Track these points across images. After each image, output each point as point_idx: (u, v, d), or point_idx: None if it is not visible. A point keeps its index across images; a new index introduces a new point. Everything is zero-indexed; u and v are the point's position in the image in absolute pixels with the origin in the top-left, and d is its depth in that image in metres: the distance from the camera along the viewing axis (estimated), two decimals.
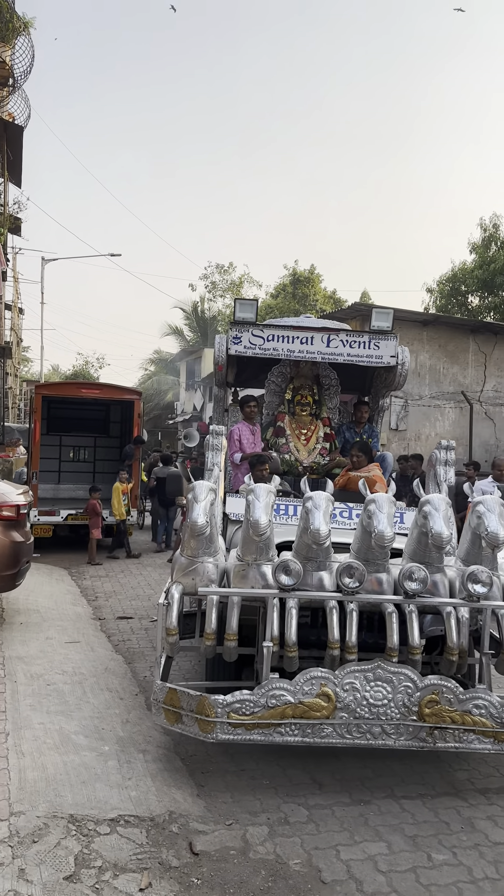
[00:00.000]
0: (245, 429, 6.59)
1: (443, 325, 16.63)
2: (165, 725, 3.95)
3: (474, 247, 23.44)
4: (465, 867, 3.30)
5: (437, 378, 16.33)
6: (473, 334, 16.77)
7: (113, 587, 9.31)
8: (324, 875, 3.19)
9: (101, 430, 13.74)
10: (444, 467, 5.43)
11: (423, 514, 3.93)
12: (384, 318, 6.42)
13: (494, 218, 23.19)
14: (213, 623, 3.94)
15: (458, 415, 16.56)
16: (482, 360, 16.78)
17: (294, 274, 30.41)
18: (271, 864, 3.24)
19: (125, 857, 3.14)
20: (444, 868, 3.28)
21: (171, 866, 3.14)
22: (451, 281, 23.75)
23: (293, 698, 3.73)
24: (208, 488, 4.01)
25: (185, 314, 33.17)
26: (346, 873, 3.21)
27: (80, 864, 3.04)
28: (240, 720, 3.73)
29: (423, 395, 16.12)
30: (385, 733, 3.78)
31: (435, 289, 24.40)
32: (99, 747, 4.14)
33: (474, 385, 16.64)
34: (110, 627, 7.21)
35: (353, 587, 3.85)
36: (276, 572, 3.83)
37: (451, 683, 3.76)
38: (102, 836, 3.26)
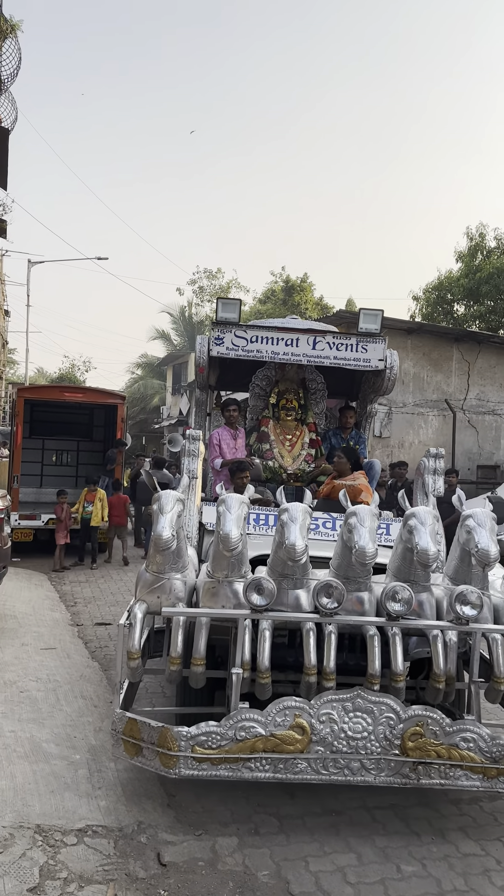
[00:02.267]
0: (226, 434, 6.29)
1: (427, 333, 16.75)
2: (125, 759, 3.62)
3: (460, 255, 23.53)
4: (434, 879, 3.25)
5: (420, 386, 16.48)
6: (457, 343, 16.88)
7: (93, 592, 9.22)
8: (292, 887, 3.14)
9: (84, 434, 13.58)
10: (432, 476, 5.14)
11: (408, 528, 3.62)
12: (372, 320, 6.12)
13: (481, 227, 23.36)
14: (179, 646, 3.62)
15: (441, 423, 16.68)
16: (466, 369, 16.94)
17: (287, 281, 30.23)
18: (240, 876, 3.19)
19: (91, 869, 3.09)
20: (412, 880, 3.23)
21: (137, 878, 3.08)
22: (438, 289, 23.81)
23: (264, 730, 3.41)
24: (175, 498, 3.70)
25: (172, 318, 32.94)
26: (314, 885, 3.16)
27: (45, 875, 2.99)
28: (205, 754, 3.41)
29: (406, 402, 16.24)
30: (365, 769, 3.46)
31: (421, 297, 24.45)
32: (70, 756, 4.07)
33: (458, 393, 16.79)
34: (88, 634, 7.10)
35: (332, 608, 3.54)
36: (248, 591, 3.51)
37: (436, 714, 3.45)
38: (69, 846, 3.22)
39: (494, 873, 3.34)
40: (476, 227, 23.37)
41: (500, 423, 17.25)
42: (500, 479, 15.96)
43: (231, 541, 3.50)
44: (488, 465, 16.72)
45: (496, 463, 17.03)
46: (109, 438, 12.71)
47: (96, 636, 6.98)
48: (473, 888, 3.22)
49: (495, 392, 17.15)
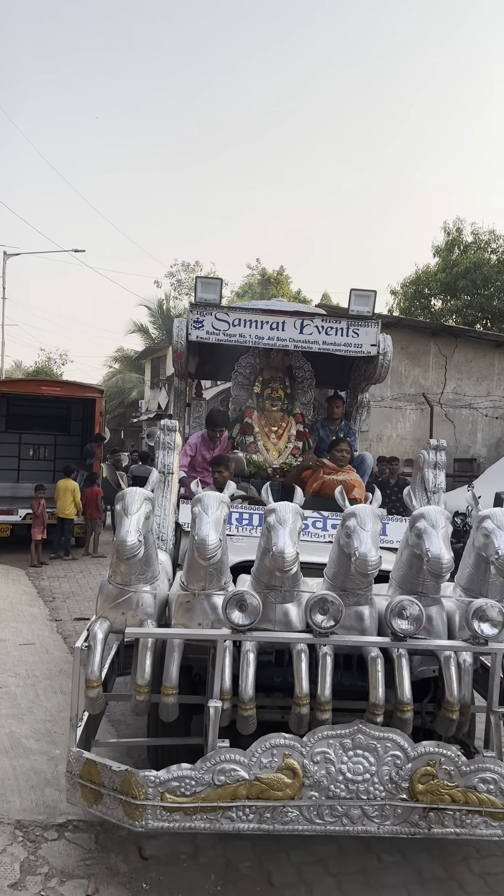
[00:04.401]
0: (203, 447, 5.57)
1: (405, 327, 16.52)
2: (82, 806, 2.95)
3: (438, 250, 23.10)
4: (415, 868, 3.18)
5: (398, 380, 16.18)
6: (434, 337, 16.55)
7: (71, 587, 8.95)
8: (273, 878, 3.08)
9: (61, 427, 13.01)
10: (433, 471, 4.51)
11: (416, 531, 2.98)
12: (364, 302, 5.47)
13: (458, 222, 23.01)
14: (147, 672, 2.97)
15: (419, 416, 16.39)
16: (443, 363, 16.64)
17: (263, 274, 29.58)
18: (221, 868, 3.11)
19: (73, 863, 3.05)
20: (393, 869, 3.16)
21: (119, 871, 3.03)
22: (415, 284, 23.41)
23: (248, 774, 2.77)
24: (142, 497, 3.03)
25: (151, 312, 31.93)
26: (295, 876, 3.10)
27: (26, 870, 2.95)
28: (177, 803, 2.76)
29: (384, 396, 16.02)
30: (366, 817, 2.83)
31: (399, 291, 23.98)
32: (50, 751, 3.98)
33: (435, 387, 16.51)
34: (67, 629, 6.90)
35: (328, 627, 2.89)
36: (228, 608, 2.86)
37: (450, 752, 2.83)
38: (50, 841, 3.17)
39: (473, 861, 3.29)
40: (453, 222, 22.99)
41: (476, 417, 17.05)
42: (476, 472, 15.55)
43: (208, 548, 2.84)
44: (465, 458, 16.44)
45: (473, 456, 16.75)
46: (87, 432, 12.22)
47: (76, 631, 6.62)
48: (453, 876, 3.15)
49: (472, 386, 16.93)
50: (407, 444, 16.47)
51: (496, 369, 17.13)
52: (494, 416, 16.95)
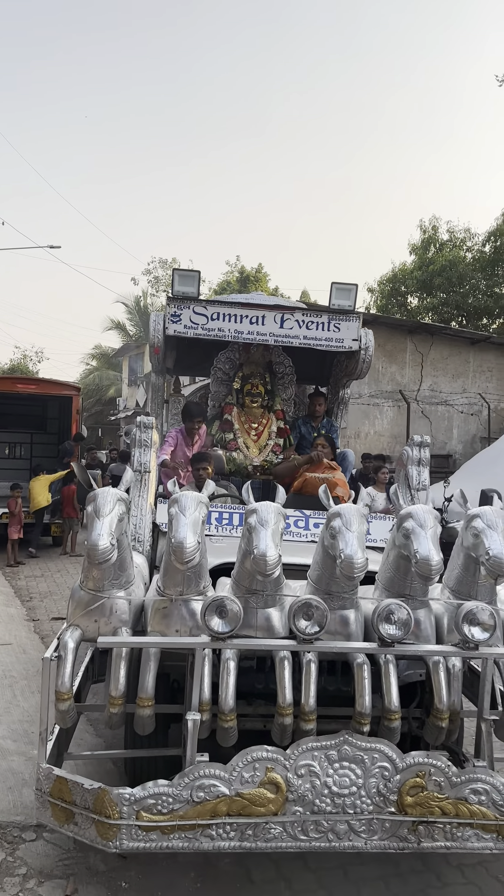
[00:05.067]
0: (182, 441, 5.37)
1: (382, 325, 16.53)
2: (53, 825, 2.75)
3: (414, 248, 23.10)
4: (393, 861, 3.13)
5: (376, 377, 16.18)
6: (411, 335, 16.56)
7: (49, 587, 8.75)
8: (253, 875, 3.05)
9: (38, 426, 12.67)
10: (416, 468, 4.36)
11: (403, 531, 2.82)
12: (346, 296, 5.30)
13: (433, 220, 23.02)
14: (122, 683, 2.77)
15: (395, 413, 16.40)
16: (419, 360, 16.67)
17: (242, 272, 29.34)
18: (200, 866, 3.06)
19: (51, 864, 3.02)
20: (371, 863, 3.10)
21: (98, 871, 2.99)
22: (392, 281, 23.41)
23: (228, 789, 2.59)
24: (115, 498, 2.83)
25: (128, 308, 31.41)
26: (275, 872, 3.07)
27: (4, 872, 2.92)
28: (154, 821, 2.57)
29: (362, 393, 16.03)
30: (353, 832, 2.67)
31: (376, 289, 23.92)
32: (28, 752, 3.89)
33: (412, 384, 16.51)
34: (44, 628, 6.76)
35: (312, 633, 2.72)
36: (207, 614, 2.67)
37: (440, 762, 2.68)
38: (28, 842, 3.12)
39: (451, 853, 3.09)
40: (429, 220, 23.00)
41: (452, 414, 17.12)
42: (452, 469, 15.57)
43: (185, 551, 2.65)
44: (441, 454, 16.50)
45: (449, 452, 16.80)
46: (64, 430, 11.91)
47: (53, 631, 6.45)
48: (430, 868, 3.14)
49: (447, 383, 17.01)
50: (384, 441, 16.44)
51: (471, 366, 17.19)
52: (469, 412, 17.02)
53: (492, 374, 17.20)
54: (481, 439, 16.62)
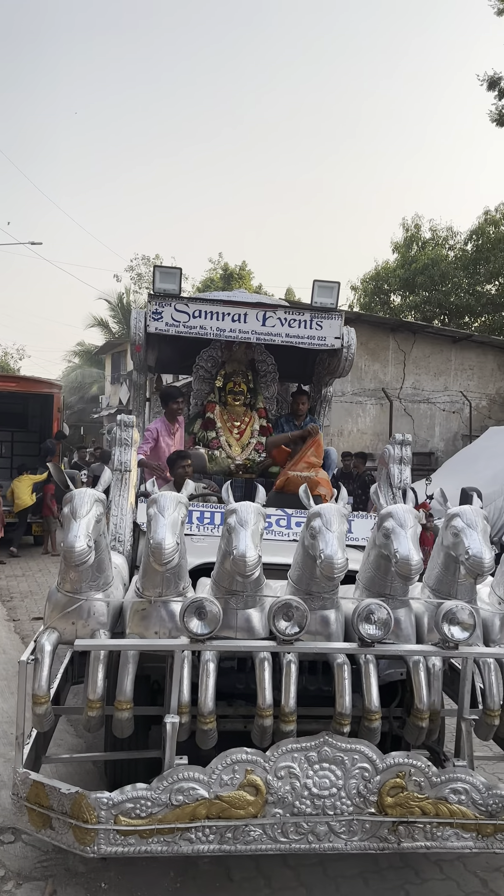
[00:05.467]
0: (164, 428, 5.32)
1: (364, 323, 16.58)
2: (30, 831, 2.70)
3: (396, 246, 23.18)
4: (371, 858, 3.11)
5: (358, 375, 16.22)
6: (393, 333, 16.63)
7: (29, 587, 8.70)
8: (232, 873, 3.05)
9: (19, 424, 12.47)
10: (398, 466, 4.35)
11: (384, 531, 2.80)
12: (328, 294, 5.27)
13: (416, 218, 23.09)
14: (99, 686, 2.72)
15: (378, 411, 16.45)
16: (402, 358, 16.76)
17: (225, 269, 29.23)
18: (179, 865, 3.06)
19: (30, 865, 3.02)
20: (350, 860, 3.07)
21: (77, 872, 2.99)
22: (375, 279, 23.51)
23: (208, 792, 2.56)
24: (92, 499, 2.77)
25: (110, 305, 31.07)
26: (255, 870, 3.07)
27: None
28: (132, 825, 2.53)
29: (345, 391, 16.07)
30: (333, 833, 2.65)
31: (359, 287, 23.97)
32: (7, 753, 3.84)
33: (394, 382, 16.56)
34: (25, 628, 6.68)
35: (292, 634, 2.69)
36: (186, 616, 2.63)
37: (420, 762, 2.66)
38: (6, 844, 3.13)
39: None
40: (412, 219, 23.14)
41: (434, 412, 17.21)
42: (434, 466, 15.68)
43: (164, 552, 2.61)
44: (423, 452, 16.60)
45: (431, 450, 16.88)
46: (45, 429, 11.74)
47: (34, 631, 6.51)
48: (409, 864, 3.16)
49: (430, 381, 17.10)
50: (367, 439, 16.47)
51: (453, 364, 17.27)
52: (451, 410, 17.11)
53: (473, 372, 17.30)
54: (463, 437, 16.72)
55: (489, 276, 21.50)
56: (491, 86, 15.46)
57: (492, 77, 15.39)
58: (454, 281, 21.55)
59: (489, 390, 17.37)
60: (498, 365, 17.49)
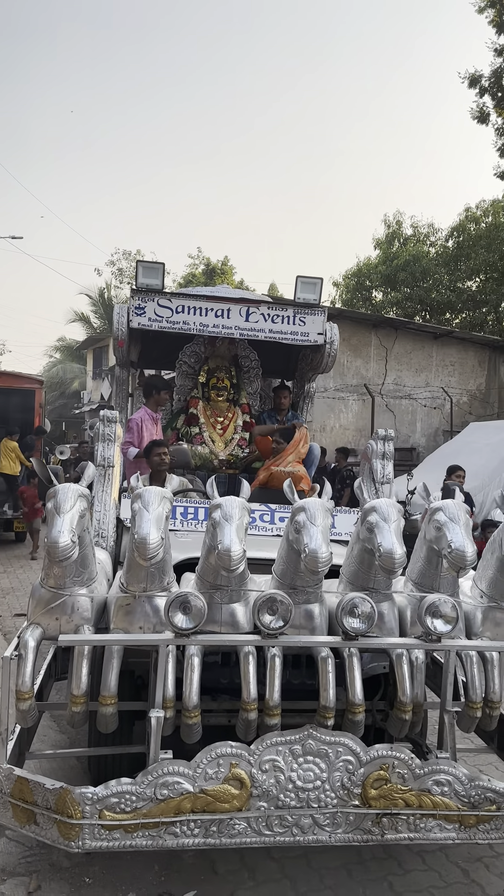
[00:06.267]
0: (148, 417, 5.31)
1: (347, 319, 16.62)
2: (14, 827, 2.68)
3: (378, 243, 23.26)
4: (355, 849, 3.14)
5: (341, 371, 16.34)
6: (375, 329, 16.72)
7: (11, 583, 8.67)
8: (217, 866, 3.06)
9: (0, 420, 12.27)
10: (381, 461, 4.37)
11: (367, 525, 2.81)
12: (311, 290, 5.27)
13: (398, 214, 23.25)
14: (83, 682, 2.71)
15: (360, 407, 16.52)
16: (384, 354, 16.85)
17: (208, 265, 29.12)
18: (164, 859, 3.06)
19: (14, 861, 3.02)
20: (333, 851, 3.08)
21: (62, 867, 3.00)
22: (356, 276, 23.56)
23: (192, 786, 2.55)
24: (76, 494, 2.75)
25: (92, 301, 30.80)
26: (239, 862, 3.09)
27: None
28: (117, 820, 2.52)
29: (328, 387, 16.16)
30: (318, 826, 2.66)
31: (341, 283, 24.00)
32: None
33: (376, 378, 16.66)
34: (7, 625, 6.69)
35: (277, 627, 2.69)
36: (171, 611, 2.62)
37: (404, 754, 2.68)
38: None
39: None
40: (393, 215, 23.20)
41: (415, 407, 17.34)
42: (415, 462, 15.78)
43: (149, 547, 2.59)
44: (405, 447, 16.72)
45: (412, 445, 17.00)
46: (27, 425, 11.64)
47: (16, 628, 6.42)
48: (392, 855, 3.18)
49: (411, 377, 17.19)
50: (350, 435, 16.54)
51: (434, 361, 17.40)
52: (432, 406, 17.24)
53: (454, 368, 17.44)
54: (444, 433, 16.85)
55: (470, 272, 21.65)
56: (472, 83, 15.52)
57: (473, 75, 15.45)
58: (435, 277, 21.67)
59: (470, 386, 17.53)
60: (479, 361, 17.64)
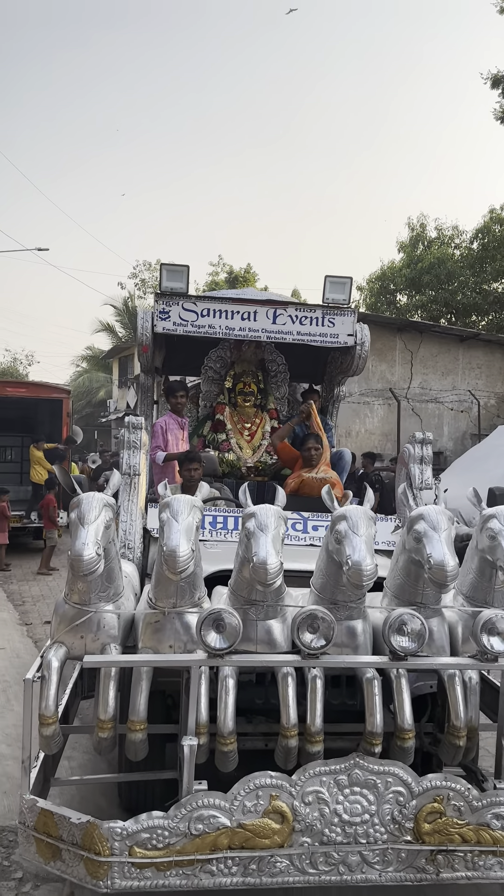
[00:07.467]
0: (173, 423, 5.14)
1: (371, 323, 16.17)
2: (39, 864, 2.48)
3: (402, 246, 22.97)
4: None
5: (365, 375, 16.42)
6: (400, 333, 16.46)
7: (41, 591, 8.71)
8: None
9: (28, 429, 12.36)
10: (419, 466, 4.11)
11: (415, 534, 2.57)
12: (340, 289, 5.06)
13: (422, 217, 22.95)
14: (111, 706, 2.50)
15: (386, 411, 16.28)
16: (409, 358, 16.58)
17: (230, 273, 29.06)
18: None
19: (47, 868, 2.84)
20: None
21: None
22: (381, 279, 23.30)
23: (230, 820, 2.33)
24: (101, 504, 2.56)
25: (116, 311, 30.98)
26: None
27: (0, 875, 2.89)
28: (148, 857, 2.31)
29: (352, 392, 15.94)
30: (366, 863, 2.42)
31: (365, 287, 23.74)
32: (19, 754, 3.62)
33: (402, 382, 16.40)
34: (38, 633, 6.65)
35: (318, 647, 2.46)
36: (203, 630, 2.41)
37: (459, 785, 2.43)
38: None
39: None
40: (417, 218, 22.94)
41: (442, 411, 17.02)
42: (443, 466, 15.42)
43: (179, 560, 2.39)
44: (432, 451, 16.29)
45: (439, 450, 16.67)
46: (55, 433, 11.61)
47: (46, 635, 6.53)
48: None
49: (437, 380, 16.89)
50: (375, 439, 16.26)
51: (460, 363, 17.07)
52: (460, 409, 16.90)
53: (481, 370, 17.09)
54: (471, 436, 16.48)
55: (496, 274, 21.25)
56: (495, 83, 15.24)
57: (495, 75, 15.18)
58: (460, 280, 21.29)
59: (497, 388, 17.14)
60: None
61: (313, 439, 4.71)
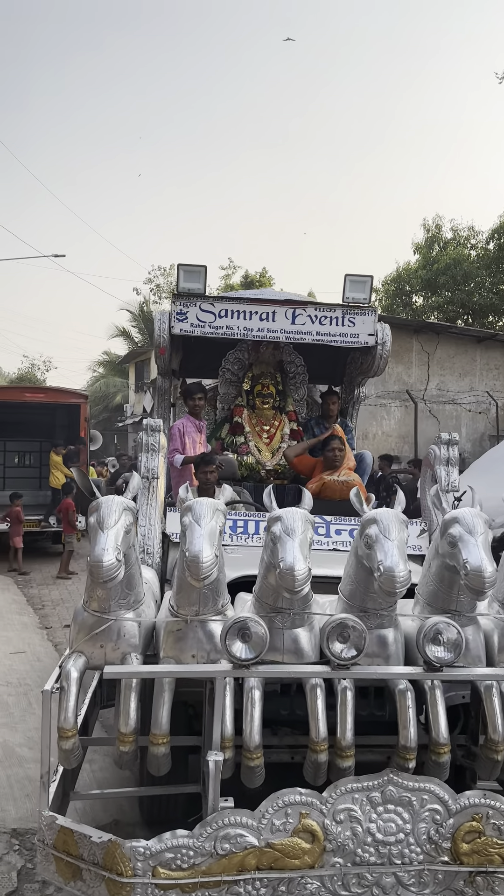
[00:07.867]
0: (190, 426, 5.04)
1: (387, 324, 15.99)
2: (58, 884, 2.37)
3: (418, 247, 22.79)
4: None
5: (382, 377, 16.05)
6: (417, 334, 16.23)
7: (61, 594, 8.73)
8: None
9: (47, 434, 12.41)
10: (445, 468, 3.98)
11: (449, 538, 2.44)
12: (360, 288, 4.94)
13: (437, 219, 22.68)
14: (132, 718, 2.40)
15: (403, 413, 16.08)
16: (426, 360, 16.35)
17: (245, 276, 29.01)
18: None
19: None
20: None
21: None
22: (396, 281, 23.05)
23: (257, 839, 2.21)
24: (121, 507, 2.46)
25: (132, 316, 31.09)
26: None
27: (23, 878, 2.92)
28: (173, 878, 2.19)
29: (369, 394, 15.70)
30: (402, 885, 2.28)
31: (380, 289, 23.55)
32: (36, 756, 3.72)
33: (418, 384, 16.13)
34: (58, 636, 6.69)
35: (349, 657, 2.34)
36: (228, 639, 2.29)
37: (499, 802, 2.29)
38: None
39: None
40: (433, 219, 22.67)
41: (459, 413, 16.81)
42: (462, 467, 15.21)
43: (202, 566, 2.28)
44: None
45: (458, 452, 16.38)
46: (73, 439, 11.68)
47: (65, 638, 6.57)
48: None
49: (454, 382, 16.68)
50: (392, 441, 16.10)
51: (478, 364, 16.85)
52: (478, 410, 16.68)
53: (499, 371, 16.85)
54: (490, 437, 16.25)
55: None
56: None
57: None
58: (477, 280, 21.04)
59: None
60: None
61: (337, 440, 4.58)
